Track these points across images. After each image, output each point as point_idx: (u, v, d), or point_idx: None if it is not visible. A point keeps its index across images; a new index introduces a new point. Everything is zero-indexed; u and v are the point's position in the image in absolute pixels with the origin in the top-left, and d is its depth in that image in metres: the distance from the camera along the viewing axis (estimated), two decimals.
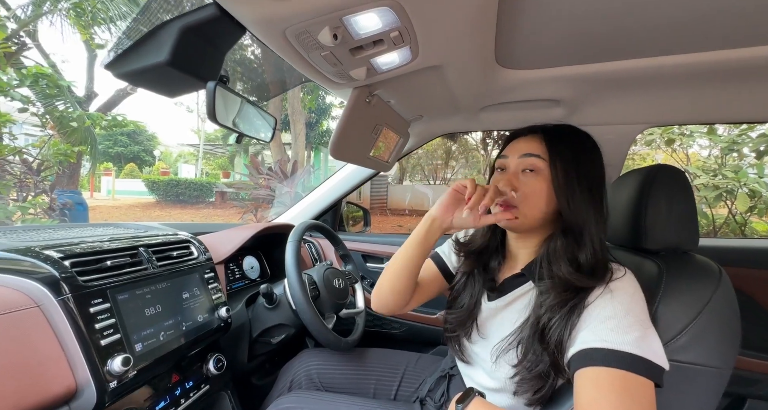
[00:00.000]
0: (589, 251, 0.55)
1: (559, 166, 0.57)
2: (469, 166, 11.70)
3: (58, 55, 8.15)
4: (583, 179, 0.57)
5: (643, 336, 0.46)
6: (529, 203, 0.59)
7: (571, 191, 0.56)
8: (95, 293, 0.54)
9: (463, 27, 0.58)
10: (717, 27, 0.58)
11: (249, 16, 0.51)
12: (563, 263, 0.55)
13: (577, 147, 0.60)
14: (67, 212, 3.88)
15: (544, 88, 0.86)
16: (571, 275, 0.53)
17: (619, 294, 0.50)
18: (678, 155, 3.83)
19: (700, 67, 0.70)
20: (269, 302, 0.94)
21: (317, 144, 11.92)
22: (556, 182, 0.57)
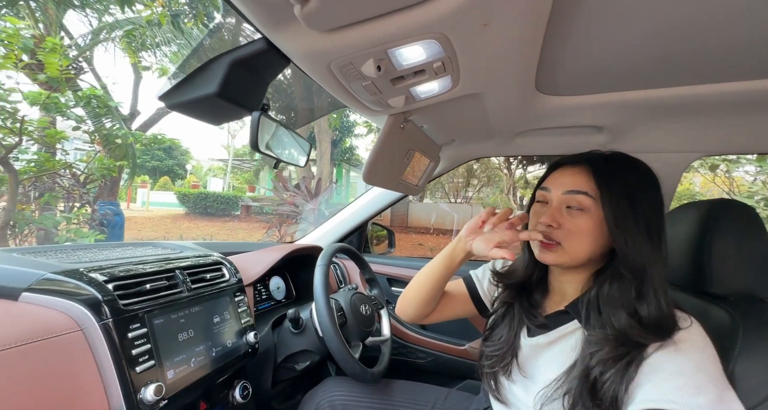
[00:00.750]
0: (654, 304, 0.48)
1: (612, 204, 0.52)
2: (492, 184, 11.51)
3: (110, 78, 8.92)
4: (640, 217, 0.51)
5: (719, 399, 0.39)
6: (573, 241, 0.54)
7: (627, 232, 0.51)
8: (134, 318, 0.55)
9: (507, 57, 0.57)
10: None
11: (295, 49, 0.52)
12: (621, 313, 0.49)
13: (632, 180, 0.54)
14: (105, 222, 4.11)
15: (585, 114, 0.83)
16: (632, 330, 0.47)
17: (685, 347, 0.44)
18: (720, 179, 3.59)
19: (757, 96, 0.65)
20: (295, 327, 0.92)
21: (339, 161, 12.16)
22: (612, 224, 0.52)
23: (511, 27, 0.48)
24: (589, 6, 0.48)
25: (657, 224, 0.52)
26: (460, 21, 0.45)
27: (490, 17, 0.46)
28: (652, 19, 0.49)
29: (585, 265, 0.57)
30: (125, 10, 4.19)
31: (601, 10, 0.49)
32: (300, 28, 0.48)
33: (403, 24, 0.46)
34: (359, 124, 12.01)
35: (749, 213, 0.56)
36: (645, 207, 0.52)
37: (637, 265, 0.50)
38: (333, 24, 0.46)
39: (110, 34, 5.43)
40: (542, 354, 0.59)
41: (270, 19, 0.47)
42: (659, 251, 0.51)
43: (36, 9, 4.43)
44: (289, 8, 0.43)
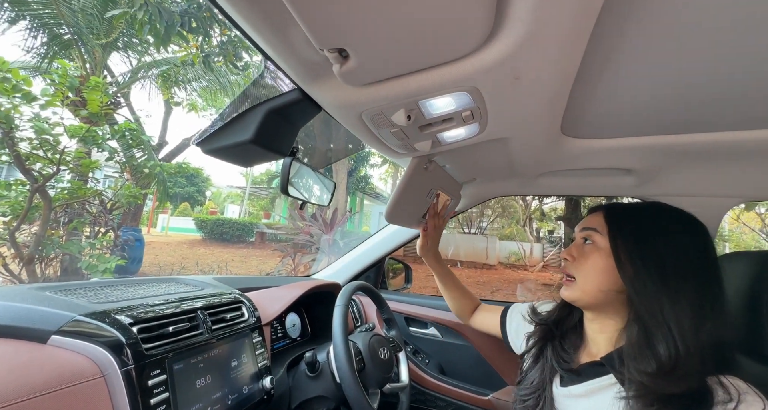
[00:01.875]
0: (667, 343, 0.45)
1: (619, 241, 0.54)
2: (507, 215, 11.35)
3: (144, 111, 9.59)
4: (650, 255, 0.51)
5: None
6: (584, 274, 0.57)
7: (631, 268, 0.51)
8: (155, 364, 0.53)
9: (535, 104, 0.58)
10: None
11: (329, 100, 0.55)
12: (641, 361, 0.47)
13: (645, 219, 0.55)
14: (126, 247, 4.22)
15: (611, 157, 0.82)
16: (643, 377, 0.45)
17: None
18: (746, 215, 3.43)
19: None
20: (311, 371, 0.88)
21: (354, 190, 12.34)
22: (617, 259, 0.53)
23: (542, 78, 0.49)
24: (618, 57, 0.49)
25: (678, 264, 0.50)
26: (492, 76, 0.47)
27: (521, 71, 0.47)
28: (681, 67, 0.49)
29: (607, 310, 0.56)
30: (161, 50, 4.58)
31: (630, 61, 0.49)
32: (335, 82, 0.50)
33: (435, 79, 0.47)
34: (374, 154, 12.31)
35: None
36: (660, 246, 0.51)
37: (646, 303, 0.49)
38: (368, 80, 0.48)
39: (147, 73, 5.91)
40: (577, 406, 0.57)
41: (307, 74, 0.50)
42: (679, 292, 0.48)
43: (85, 52, 4.90)
44: (327, 65, 0.45)
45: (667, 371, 0.44)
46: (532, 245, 9.70)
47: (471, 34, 0.39)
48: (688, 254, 0.50)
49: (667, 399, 0.43)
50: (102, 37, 4.73)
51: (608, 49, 0.46)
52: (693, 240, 0.52)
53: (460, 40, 0.40)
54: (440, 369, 1.27)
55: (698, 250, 0.51)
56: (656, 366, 0.45)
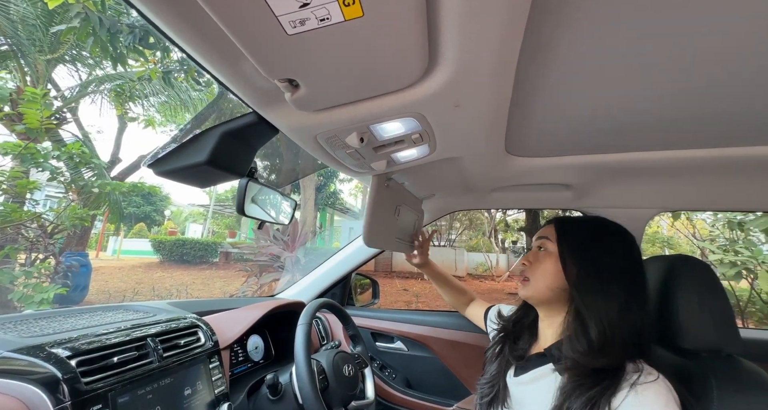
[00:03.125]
0: (598, 329, 0.54)
1: (565, 248, 0.64)
2: (474, 227, 11.72)
3: (95, 127, 8.97)
4: (589, 260, 0.60)
5: None
6: (538, 276, 0.66)
7: (573, 269, 0.60)
8: (96, 398, 0.50)
9: (477, 127, 0.63)
10: (715, 128, 0.62)
11: (284, 123, 0.57)
12: (576, 343, 0.56)
13: (587, 231, 0.66)
14: (70, 274, 3.84)
15: (552, 174, 0.91)
16: (578, 355, 0.53)
17: (648, 396, 0.47)
18: (682, 223, 3.83)
19: (709, 162, 0.74)
20: (273, 394, 0.85)
21: (324, 205, 12.20)
22: (563, 263, 0.62)
23: (479, 105, 0.55)
24: (545, 87, 0.55)
25: (613, 270, 0.59)
26: (435, 103, 0.51)
27: (459, 99, 0.52)
28: (601, 97, 0.57)
29: (555, 306, 0.65)
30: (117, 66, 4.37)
31: (556, 91, 0.56)
32: (290, 108, 0.53)
33: (383, 106, 0.51)
34: None
35: (707, 271, 0.60)
36: (599, 253, 0.61)
37: (584, 299, 0.57)
38: (320, 106, 0.51)
39: (99, 87, 5.59)
40: (524, 393, 0.64)
41: (262, 101, 0.52)
42: (611, 292, 0.57)
43: (26, 65, 4.55)
44: (280, 92, 0.48)
45: (595, 350, 0.53)
46: (498, 256, 10.06)
47: (409, 69, 0.43)
48: (618, 259, 0.61)
49: (592, 372, 0.52)
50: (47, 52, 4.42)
51: (534, 81, 0.53)
52: (623, 248, 0.62)
53: (400, 74, 0.44)
54: (407, 383, 1.27)
55: (626, 256, 0.61)
56: (587, 346, 0.54)
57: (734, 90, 0.50)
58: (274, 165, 3.73)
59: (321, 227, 12.23)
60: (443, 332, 1.21)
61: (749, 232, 2.66)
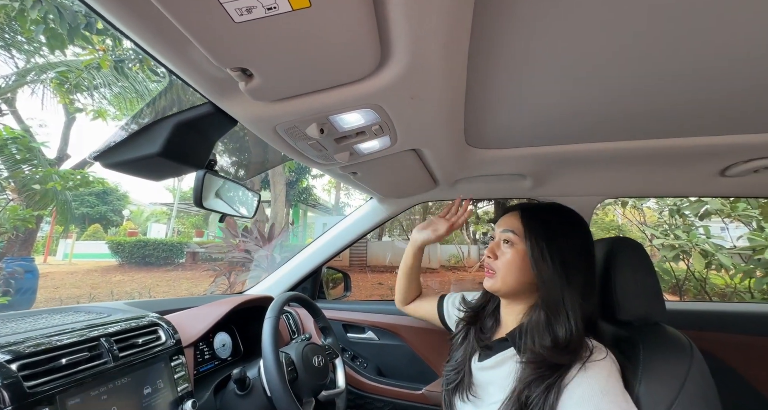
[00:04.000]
0: (566, 327, 0.56)
1: (533, 241, 0.63)
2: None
3: (36, 120, 8.15)
4: (556, 253, 0.61)
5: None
6: (504, 270, 0.66)
7: (543, 265, 0.61)
8: (42, 401, 0.48)
9: (435, 118, 0.66)
10: (651, 122, 0.69)
11: (242, 114, 0.56)
12: (540, 337, 0.57)
13: (552, 222, 0.66)
14: (12, 281, 3.52)
15: (510, 164, 0.96)
16: (544, 350, 0.55)
17: (593, 374, 0.51)
18: (632, 212, 4.17)
19: (642, 152, 0.81)
20: (241, 389, 0.85)
21: (297, 202, 11.96)
22: (531, 256, 0.62)
23: (435, 97, 0.57)
24: (499, 80, 0.58)
25: (575, 261, 0.61)
26: (391, 95, 0.53)
27: (416, 92, 0.54)
28: (553, 94, 0.61)
29: (520, 297, 0.67)
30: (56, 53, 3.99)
31: (509, 85, 0.59)
32: (246, 97, 0.52)
33: (341, 97, 0.52)
34: None
35: (639, 250, 0.67)
36: (562, 245, 0.62)
37: (552, 293, 0.59)
38: (276, 97, 0.51)
39: (39, 76, 5.09)
40: (486, 377, 0.66)
41: (216, 90, 0.51)
42: (575, 285, 0.59)
43: None
44: (234, 82, 0.47)
45: (561, 347, 0.55)
46: (470, 247, 10.38)
47: (363, 60, 0.44)
48: (579, 250, 0.63)
49: (552, 364, 0.54)
50: None
51: (487, 75, 0.56)
52: (582, 238, 0.65)
53: (354, 65, 0.45)
54: (378, 371, 1.30)
55: (584, 246, 0.65)
56: (552, 343, 0.56)
57: (666, 86, 0.56)
58: (239, 159, 3.60)
59: (293, 223, 11.99)
60: (413, 320, 1.25)
61: (686, 217, 2.95)
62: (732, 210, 2.52)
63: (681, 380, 0.51)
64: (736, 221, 2.76)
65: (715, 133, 0.70)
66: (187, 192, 15.29)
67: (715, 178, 0.90)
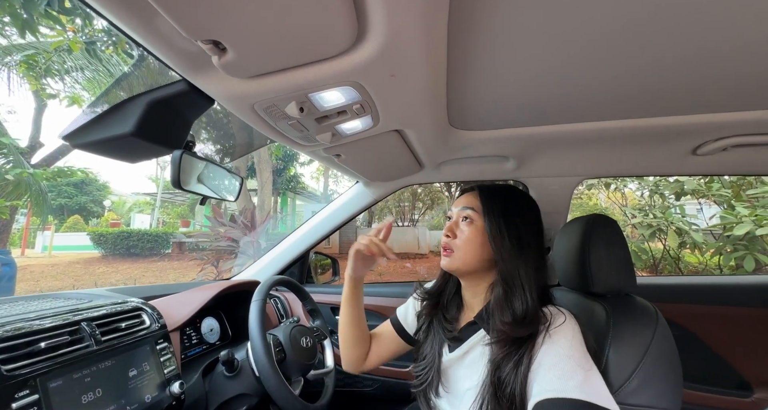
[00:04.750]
0: (521, 300, 0.58)
1: (491, 217, 0.64)
2: (436, 207, 12.09)
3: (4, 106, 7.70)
4: (512, 229, 0.63)
5: (585, 379, 0.48)
6: (463, 247, 0.66)
7: (501, 240, 0.62)
8: (20, 384, 0.47)
9: (417, 97, 0.65)
10: (630, 101, 0.70)
11: (218, 91, 0.55)
12: (502, 313, 0.59)
13: (508, 201, 0.67)
14: None
15: (493, 146, 0.97)
16: (505, 326, 0.56)
17: (557, 339, 0.54)
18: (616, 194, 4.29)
19: (619, 132, 0.83)
20: (229, 370, 0.86)
21: (284, 190, 11.82)
22: (489, 232, 0.64)
23: (415, 76, 0.57)
24: (480, 59, 0.58)
25: (528, 237, 0.63)
26: (370, 72, 0.52)
27: (395, 69, 0.53)
28: (532, 74, 0.61)
29: (479, 275, 0.67)
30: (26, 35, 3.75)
31: (489, 65, 0.59)
32: (221, 74, 0.51)
33: (319, 73, 0.51)
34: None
35: (614, 226, 0.70)
36: (518, 222, 0.64)
37: (509, 268, 0.61)
38: (252, 73, 0.50)
39: (4, 59, 4.78)
40: (458, 367, 0.65)
41: (189, 65, 0.49)
42: (529, 258, 0.62)
43: None
44: (208, 57, 0.46)
45: (518, 321, 0.57)
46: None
47: (339, 35, 0.43)
48: (532, 228, 0.65)
49: (516, 339, 0.56)
50: None
51: (468, 55, 0.56)
52: (534, 215, 0.67)
53: (330, 40, 0.44)
54: None
55: (537, 224, 0.67)
56: (511, 318, 0.57)
57: (644, 68, 0.57)
58: (221, 143, 3.51)
59: (282, 211, 11.89)
60: (400, 301, 1.28)
61: (665, 198, 3.07)
62: (708, 190, 2.63)
63: (646, 344, 0.54)
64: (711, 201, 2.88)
65: (687, 112, 0.72)
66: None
67: (687, 157, 0.93)
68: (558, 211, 1.13)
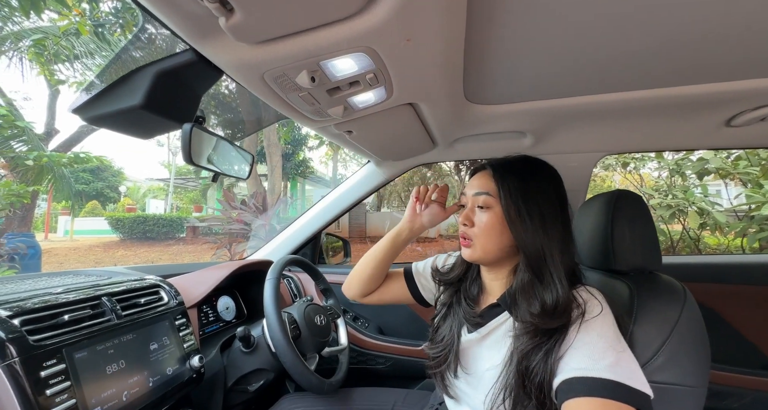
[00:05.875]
0: (551, 289, 0.54)
1: (508, 201, 0.58)
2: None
3: (20, 93, 7.82)
4: (533, 209, 0.57)
5: (617, 360, 0.46)
6: (483, 236, 0.61)
7: (522, 224, 0.57)
8: (48, 354, 0.49)
9: (432, 67, 0.62)
10: (657, 69, 0.65)
11: (226, 60, 0.52)
12: (529, 303, 0.55)
13: (527, 177, 0.61)
14: (16, 257, 3.56)
15: (510, 121, 0.92)
16: (534, 318, 0.53)
17: (590, 319, 0.51)
18: (632, 176, 4.16)
19: (644, 103, 0.78)
20: (246, 346, 0.88)
21: (294, 174, 11.86)
22: (508, 217, 0.58)
23: (432, 42, 0.53)
24: (499, 29, 0.54)
25: (552, 215, 0.58)
26: (385, 36, 0.49)
27: (411, 33, 0.50)
28: (554, 41, 0.57)
29: (504, 261, 0.63)
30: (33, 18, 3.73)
31: (510, 33, 0.55)
32: (229, 40, 0.48)
33: (331, 37, 0.48)
34: (312, 137, 11.87)
35: (639, 202, 0.66)
36: (539, 200, 0.58)
37: (534, 253, 0.56)
38: (261, 37, 0.47)
39: (16, 45, 4.80)
40: (478, 349, 0.63)
41: (196, 31, 0.47)
42: (555, 239, 0.57)
43: None
44: (215, 20, 0.43)
45: (549, 313, 0.53)
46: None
47: None
48: (554, 203, 0.60)
49: (546, 330, 0.52)
50: None
51: (487, 22, 0.52)
52: (556, 189, 0.61)
53: None
54: (379, 330, 1.35)
55: (559, 196, 0.61)
56: (540, 309, 0.53)
57: (672, 31, 0.52)
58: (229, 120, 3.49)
59: (292, 196, 11.98)
60: None
61: (687, 178, 2.95)
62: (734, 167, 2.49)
63: (673, 321, 0.52)
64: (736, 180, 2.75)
65: (722, 79, 0.67)
66: (183, 167, 15.12)
67: (720, 129, 0.87)
68: (577, 188, 1.08)
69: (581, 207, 0.80)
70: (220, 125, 4.19)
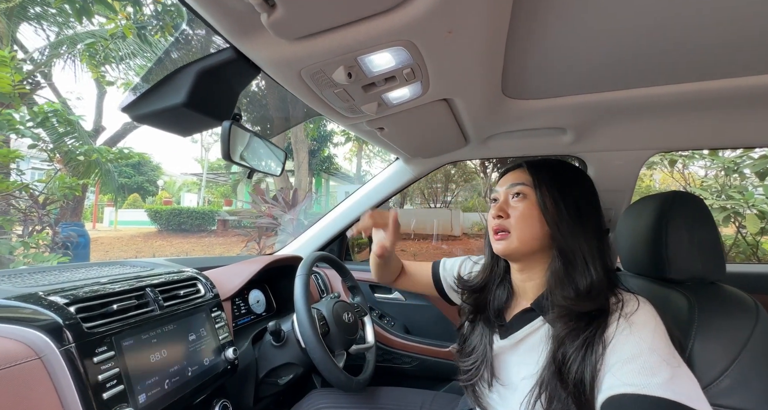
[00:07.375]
0: (585, 274, 0.53)
1: (544, 190, 0.60)
2: (470, 189, 11.76)
3: (74, 93, 8.48)
4: (569, 200, 0.58)
5: (672, 377, 0.42)
6: (519, 225, 0.60)
7: (557, 213, 0.57)
8: (100, 341, 0.51)
9: (472, 63, 0.59)
10: (717, 57, 0.59)
11: (265, 58, 0.52)
12: (563, 289, 0.54)
13: (560, 173, 0.62)
14: (69, 244, 3.87)
15: (549, 117, 0.87)
16: (566, 301, 0.52)
17: (638, 329, 0.47)
18: (676, 175, 3.86)
19: (702, 95, 0.71)
20: (277, 340, 0.90)
21: (319, 170, 12.07)
22: (543, 205, 0.59)
23: (474, 35, 0.51)
24: (546, 18, 0.51)
25: (587, 210, 0.59)
26: (425, 29, 0.47)
27: (453, 25, 0.48)
28: (605, 29, 0.53)
29: (537, 258, 0.61)
30: (84, 23, 4.00)
31: (557, 22, 0.52)
32: (268, 37, 0.48)
33: (370, 31, 0.47)
34: (337, 133, 12.01)
35: (699, 204, 0.60)
36: (575, 193, 0.59)
37: (568, 243, 0.56)
38: (301, 32, 0.47)
39: (72, 48, 5.18)
40: (511, 356, 0.61)
41: (237, 28, 0.47)
42: (589, 232, 0.57)
43: None
44: (256, 17, 0.43)
45: (583, 295, 0.52)
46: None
47: None
48: (590, 197, 0.60)
49: (582, 315, 0.51)
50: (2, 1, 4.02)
51: (534, 7, 0.48)
52: (590, 188, 0.62)
53: None
54: (405, 330, 1.34)
55: (594, 196, 0.61)
56: (574, 293, 0.53)
57: (739, 12, 0.46)
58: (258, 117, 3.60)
59: (317, 191, 12.21)
60: None
61: (745, 176, 2.68)
62: None
63: (743, 340, 0.47)
64: None
65: None
66: (214, 162, 15.79)
67: None
68: (621, 189, 1.01)
69: (627, 209, 0.74)
70: (249, 122, 4.33)
